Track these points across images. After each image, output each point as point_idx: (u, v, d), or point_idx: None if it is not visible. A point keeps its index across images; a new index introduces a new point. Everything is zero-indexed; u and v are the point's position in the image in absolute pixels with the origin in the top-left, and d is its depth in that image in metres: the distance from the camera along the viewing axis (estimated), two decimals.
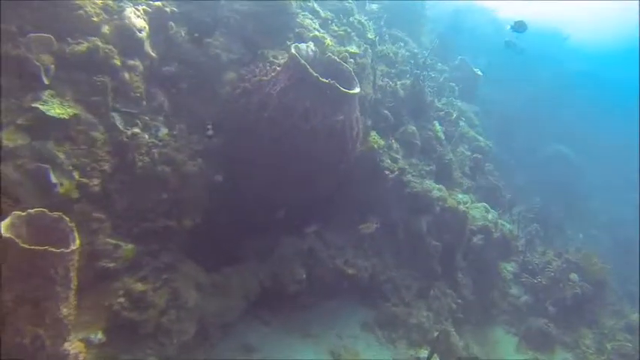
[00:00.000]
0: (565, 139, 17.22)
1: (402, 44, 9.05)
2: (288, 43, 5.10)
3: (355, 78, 5.14)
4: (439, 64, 10.08)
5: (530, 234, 10.12)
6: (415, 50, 9.49)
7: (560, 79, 18.82)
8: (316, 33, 5.39)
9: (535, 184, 15.62)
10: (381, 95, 6.50)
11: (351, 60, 5.64)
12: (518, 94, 17.43)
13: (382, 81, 6.77)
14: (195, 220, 5.23)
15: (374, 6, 9.63)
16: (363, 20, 7.49)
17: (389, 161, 6.32)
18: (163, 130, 4.81)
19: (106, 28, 4.12)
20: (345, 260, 6.36)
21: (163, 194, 4.74)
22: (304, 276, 6.05)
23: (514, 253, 7.71)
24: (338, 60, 5.23)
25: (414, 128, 6.87)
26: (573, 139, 17.34)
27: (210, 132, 4.89)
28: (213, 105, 5.25)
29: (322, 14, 6.04)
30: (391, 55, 7.68)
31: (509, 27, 8.32)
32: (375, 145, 5.96)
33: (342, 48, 5.82)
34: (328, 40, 5.43)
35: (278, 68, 4.72)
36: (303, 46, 4.92)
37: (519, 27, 8.15)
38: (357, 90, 4.91)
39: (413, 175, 6.60)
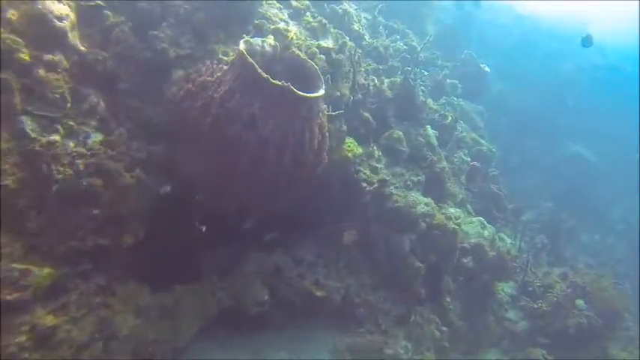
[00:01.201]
0: (584, 139, 16.02)
1: (397, 37, 8.21)
2: (244, 36, 4.39)
3: (321, 78, 4.42)
4: (439, 60, 9.18)
5: (535, 247, 9.27)
6: (414, 44, 8.63)
7: (583, 74, 17.51)
8: (279, 25, 4.66)
9: (549, 188, 14.61)
10: (363, 96, 5.75)
11: (322, 56, 4.89)
12: (536, 89, 16.30)
13: (365, 79, 6.01)
14: (139, 236, 4.65)
15: None
16: (350, 10, 6.70)
17: (368, 172, 5.59)
18: (96, 137, 4.19)
19: (11, 14, 3.49)
20: (315, 280, 5.72)
21: (94, 210, 4.14)
22: (266, 297, 5.46)
23: (511, 274, 6.91)
24: (302, 57, 4.51)
25: (400, 133, 6.10)
26: (593, 139, 16.10)
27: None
28: (159, 107, 4.61)
29: (293, 3, 5.29)
30: (381, 49, 6.88)
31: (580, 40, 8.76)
32: (350, 154, 5.23)
33: (314, 42, 5.07)
34: (293, 33, 4.70)
35: (225, 67, 4.03)
36: (256, 40, 4.21)
37: (587, 41, 8.72)
38: (319, 93, 4.19)
39: (396, 187, 5.85)
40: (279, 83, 3.90)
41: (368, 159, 5.68)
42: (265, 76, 3.87)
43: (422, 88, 6.95)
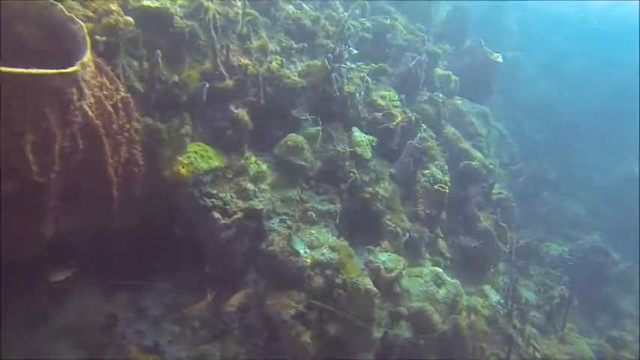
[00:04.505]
0: None
1: (357, 11, 6.18)
2: None
3: (87, 48, 2.67)
4: (426, 44, 6.91)
5: (551, 303, 6.74)
6: (387, 23, 6.55)
7: None
8: None
9: (599, 215, 11.48)
10: (237, 83, 3.89)
11: (128, 18, 3.12)
12: (590, 90, 13.10)
13: (250, 58, 4.13)
14: None
15: None
16: None
17: (229, 195, 3.72)
18: None
19: None
20: (155, 343, 3.99)
21: None
22: None
23: (478, 358, 4.62)
24: (68, 15, 2.79)
25: (300, 139, 4.14)
26: None
27: None
28: None
29: None
30: (306, 22, 4.95)
31: None
32: (184, 171, 3.40)
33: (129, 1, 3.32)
34: None
35: None
36: None
37: None
38: (72, 68, 2.45)
39: (283, 221, 3.91)
40: None
41: (236, 176, 3.81)
42: None
43: (362, 75, 4.92)
